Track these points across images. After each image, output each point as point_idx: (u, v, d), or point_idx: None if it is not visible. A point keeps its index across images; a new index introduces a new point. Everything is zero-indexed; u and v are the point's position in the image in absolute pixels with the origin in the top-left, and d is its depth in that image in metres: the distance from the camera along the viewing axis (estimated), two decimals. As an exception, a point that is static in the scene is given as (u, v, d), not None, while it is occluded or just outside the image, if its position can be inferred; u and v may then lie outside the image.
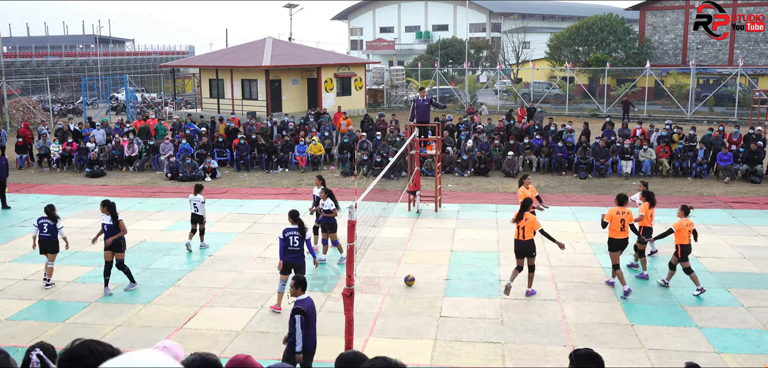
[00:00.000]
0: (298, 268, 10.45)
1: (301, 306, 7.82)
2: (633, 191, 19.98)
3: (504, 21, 71.85)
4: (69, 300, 11.60)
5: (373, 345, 9.58)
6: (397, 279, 12.42)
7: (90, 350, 3.25)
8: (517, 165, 22.66)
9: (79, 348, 3.25)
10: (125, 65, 63.38)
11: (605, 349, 9.13)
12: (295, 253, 10.75)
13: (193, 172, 22.81)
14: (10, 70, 52.28)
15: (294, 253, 10.74)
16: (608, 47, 46.82)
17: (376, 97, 46.65)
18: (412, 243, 14.87)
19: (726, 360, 9.16)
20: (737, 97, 37.94)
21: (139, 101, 45.91)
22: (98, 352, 3.24)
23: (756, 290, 11.76)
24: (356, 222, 8.46)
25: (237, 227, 16.39)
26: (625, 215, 11.62)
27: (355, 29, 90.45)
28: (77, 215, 17.72)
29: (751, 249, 14.10)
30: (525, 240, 11.27)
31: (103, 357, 3.24)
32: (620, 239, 11.57)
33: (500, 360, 9.25)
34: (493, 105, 43.72)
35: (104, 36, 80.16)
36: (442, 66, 52.94)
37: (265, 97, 37.53)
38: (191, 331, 10.20)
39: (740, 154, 21.63)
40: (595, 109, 40.68)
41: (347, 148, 24.71)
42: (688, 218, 11.63)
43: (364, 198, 9.80)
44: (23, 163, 25.16)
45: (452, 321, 10.55)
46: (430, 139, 18.47)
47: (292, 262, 10.65)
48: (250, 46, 42.62)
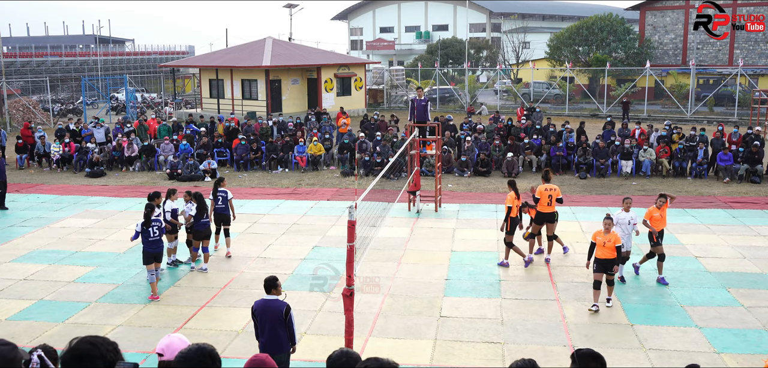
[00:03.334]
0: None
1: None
2: (632, 191, 20.04)
3: (504, 21, 71.83)
4: (69, 300, 11.59)
5: (373, 345, 9.58)
6: (397, 279, 12.42)
7: (93, 344, 3.28)
8: (517, 165, 22.66)
9: (81, 344, 3.27)
10: (125, 65, 63.39)
11: (605, 349, 9.13)
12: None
13: (193, 172, 22.82)
14: (10, 70, 52.29)
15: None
16: (608, 47, 46.82)
17: (376, 97, 46.65)
18: (412, 243, 14.87)
19: (726, 360, 9.15)
20: (737, 97, 37.94)
21: (139, 101, 45.90)
22: (100, 344, 3.28)
23: (756, 290, 11.75)
24: (356, 222, 8.46)
25: (237, 227, 16.36)
26: (553, 191, 13.01)
27: (355, 29, 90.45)
28: (77, 215, 17.72)
29: (751, 249, 14.10)
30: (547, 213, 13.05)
31: (106, 348, 3.28)
32: (547, 213, 13.05)
33: (500, 360, 9.25)
34: (493, 105, 43.70)
35: (104, 36, 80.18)
36: (442, 66, 52.95)
37: (265, 97, 37.53)
38: (191, 331, 10.19)
39: (740, 154, 21.63)
40: (595, 109, 40.68)
41: (347, 148, 24.72)
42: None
43: (364, 199, 9.79)
44: (23, 163, 25.16)
45: (452, 321, 10.55)
46: (429, 138, 18.47)
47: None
48: (250, 46, 42.61)
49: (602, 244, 10.79)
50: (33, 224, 16.83)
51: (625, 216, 12.07)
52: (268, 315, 7.48)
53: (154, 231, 11.53)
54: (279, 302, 7.54)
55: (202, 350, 3.52)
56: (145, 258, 11.64)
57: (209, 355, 3.50)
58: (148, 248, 11.54)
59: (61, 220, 17.13)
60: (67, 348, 3.30)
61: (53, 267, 13.33)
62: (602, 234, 10.85)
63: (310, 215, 17.53)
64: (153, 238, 11.53)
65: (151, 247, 11.54)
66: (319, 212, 17.82)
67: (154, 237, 11.54)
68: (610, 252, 10.76)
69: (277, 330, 7.47)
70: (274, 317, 7.45)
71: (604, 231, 10.85)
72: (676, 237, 14.90)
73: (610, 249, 10.75)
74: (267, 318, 7.48)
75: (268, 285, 7.63)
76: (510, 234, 12.90)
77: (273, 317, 7.46)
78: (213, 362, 3.49)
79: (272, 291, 7.60)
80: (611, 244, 10.74)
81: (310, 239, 15.20)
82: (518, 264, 13.27)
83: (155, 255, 11.60)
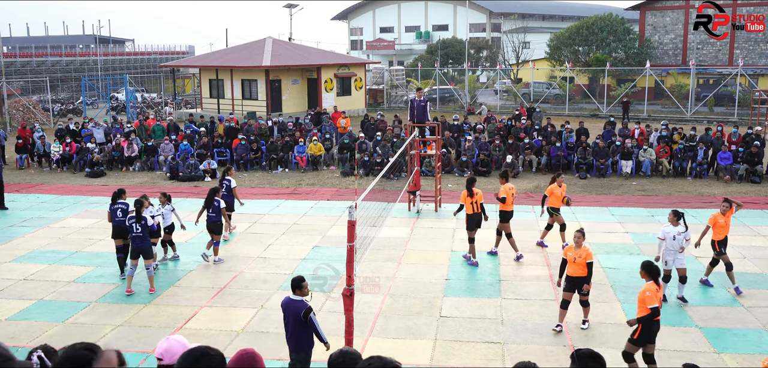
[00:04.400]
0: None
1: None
2: (632, 191, 20.05)
3: (504, 21, 71.85)
4: (69, 300, 11.60)
5: (373, 345, 9.58)
6: (397, 279, 12.42)
7: (89, 348, 3.26)
8: (517, 165, 22.66)
9: (71, 349, 3.24)
10: (125, 65, 63.39)
11: (605, 349, 9.12)
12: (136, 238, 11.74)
13: (193, 172, 22.82)
14: (10, 70, 52.29)
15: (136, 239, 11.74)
16: (608, 47, 46.82)
17: (376, 97, 46.66)
18: (412, 243, 14.87)
19: (726, 360, 9.15)
20: (737, 97, 37.94)
21: (139, 101, 45.91)
22: (93, 350, 3.25)
23: (756, 290, 11.75)
24: (356, 222, 8.46)
25: (237, 227, 16.39)
26: (477, 196, 13.18)
27: (355, 29, 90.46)
28: (77, 215, 17.72)
29: (751, 249, 14.10)
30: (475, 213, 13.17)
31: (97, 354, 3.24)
32: (474, 214, 13.15)
33: (500, 360, 9.25)
34: (493, 105, 43.71)
35: (104, 36, 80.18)
36: (442, 66, 52.95)
37: (265, 97, 37.53)
38: (191, 331, 10.20)
39: (740, 154, 21.63)
40: (595, 109, 40.68)
41: (347, 149, 24.72)
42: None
43: (364, 199, 9.80)
44: (23, 163, 25.16)
45: (452, 321, 10.55)
46: (429, 138, 18.47)
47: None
48: (250, 46, 42.62)
49: (572, 260, 9.89)
50: (33, 224, 16.83)
51: (671, 230, 10.99)
52: (291, 313, 7.79)
53: (137, 228, 11.68)
54: (300, 303, 7.76)
55: (205, 353, 3.43)
56: (131, 253, 11.98)
57: (213, 357, 3.42)
58: (134, 244, 11.78)
59: (61, 220, 17.13)
60: (62, 354, 3.29)
61: (53, 267, 13.33)
62: (573, 250, 9.97)
63: (310, 215, 17.53)
64: (136, 234, 11.70)
65: (136, 243, 11.76)
66: (319, 212, 17.82)
67: (137, 234, 11.69)
68: (580, 269, 9.84)
69: (299, 328, 7.75)
70: (296, 317, 7.72)
71: (576, 246, 9.95)
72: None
73: (580, 266, 9.83)
74: (290, 317, 7.80)
75: (294, 285, 7.89)
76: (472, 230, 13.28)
77: (295, 316, 7.73)
78: (216, 363, 3.42)
79: (297, 292, 7.83)
80: (582, 260, 9.81)
81: (310, 239, 15.20)
82: (518, 264, 13.28)
83: (141, 251, 11.80)
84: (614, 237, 15.08)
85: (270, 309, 11.08)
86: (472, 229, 13.25)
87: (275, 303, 11.35)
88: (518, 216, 17.03)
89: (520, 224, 16.36)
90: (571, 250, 10.03)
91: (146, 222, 11.80)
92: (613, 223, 16.38)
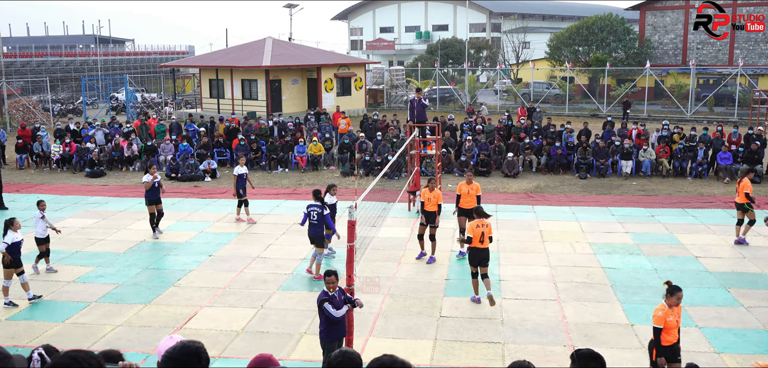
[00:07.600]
0: (315, 240, 12.38)
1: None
2: (632, 191, 20.05)
3: (504, 21, 71.85)
4: (69, 300, 11.60)
5: (373, 345, 9.58)
6: (397, 279, 12.42)
7: (74, 358, 3.19)
8: (517, 165, 22.66)
9: (63, 359, 3.19)
10: (125, 65, 63.39)
11: (605, 349, 9.13)
12: (314, 227, 12.38)
13: (193, 172, 22.81)
14: (10, 70, 52.30)
15: (312, 227, 12.39)
16: (608, 47, 46.82)
17: (376, 97, 46.66)
18: (412, 243, 14.86)
19: (726, 360, 9.16)
20: (737, 97, 37.94)
21: (139, 101, 45.92)
22: (82, 359, 3.19)
23: (756, 290, 11.75)
24: (356, 222, 8.46)
25: (237, 227, 16.39)
26: (485, 227, 10.88)
27: (355, 29, 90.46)
28: (77, 215, 17.73)
29: (751, 249, 14.10)
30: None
31: (89, 362, 3.19)
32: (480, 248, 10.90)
33: (500, 360, 9.24)
34: (493, 105, 43.71)
35: (104, 36, 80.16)
36: (442, 66, 52.95)
37: (265, 97, 37.53)
38: (191, 331, 10.19)
39: (740, 154, 21.62)
40: (595, 109, 40.68)
41: (347, 149, 24.72)
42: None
43: (364, 198, 9.80)
44: (23, 162, 25.16)
45: (452, 321, 10.55)
46: (429, 138, 18.47)
47: (312, 235, 12.45)
48: (250, 46, 42.62)
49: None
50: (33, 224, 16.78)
51: None
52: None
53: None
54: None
55: (186, 348, 3.39)
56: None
57: (195, 353, 3.39)
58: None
59: (61, 220, 17.11)
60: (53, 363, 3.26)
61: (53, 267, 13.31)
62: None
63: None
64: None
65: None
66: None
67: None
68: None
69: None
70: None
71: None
72: (677, 237, 14.91)
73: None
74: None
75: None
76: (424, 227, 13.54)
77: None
78: (198, 360, 3.37)
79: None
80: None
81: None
82: (519, 264, 13.28)
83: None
84: (614, 237, 15.07)
85: (270, 309, 11.08)
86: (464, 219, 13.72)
87: (275, 303, 11.37)
88: (518, 216, 17.07)
89: (520, 224, 16.39)
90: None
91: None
92: (613, 223, 16.37)
